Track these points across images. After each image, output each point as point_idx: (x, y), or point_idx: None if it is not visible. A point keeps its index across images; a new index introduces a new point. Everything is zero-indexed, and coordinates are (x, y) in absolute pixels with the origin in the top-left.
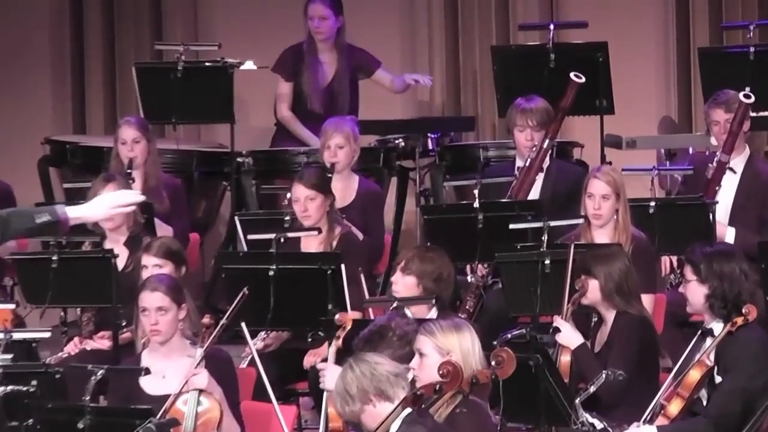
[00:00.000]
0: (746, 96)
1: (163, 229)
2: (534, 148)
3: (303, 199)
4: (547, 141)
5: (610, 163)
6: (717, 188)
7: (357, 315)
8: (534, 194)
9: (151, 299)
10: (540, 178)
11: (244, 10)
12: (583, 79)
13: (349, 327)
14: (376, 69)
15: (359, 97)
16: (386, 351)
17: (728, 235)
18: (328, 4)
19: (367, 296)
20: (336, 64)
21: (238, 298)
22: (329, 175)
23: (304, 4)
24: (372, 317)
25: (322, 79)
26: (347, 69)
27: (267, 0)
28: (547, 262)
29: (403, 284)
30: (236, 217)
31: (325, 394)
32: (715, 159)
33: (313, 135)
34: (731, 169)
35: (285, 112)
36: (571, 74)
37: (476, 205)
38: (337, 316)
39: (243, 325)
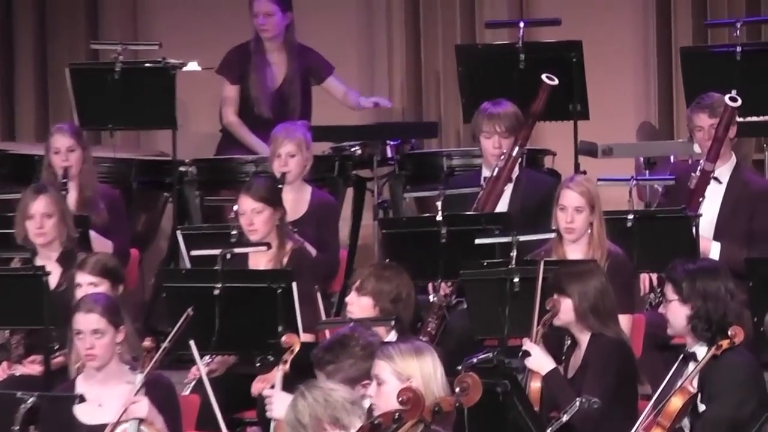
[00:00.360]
0: (732, 99)
1: (103, 244)
2: (502, 157)
3: (249, 212)
4: (516, 149)
5: (585, 173)
6: (701, 200)
7: (309, 337)
8: (502, 206)
9: (86, 321)
10: (508, 189)
11: (187, 7)
12: (556, 81)
13: (297, 350)
14: (326, 76)
15: (312, 101)
16: (347, 361)
17: (713, 250)
18: None
19: (323, 317)
20: (286, 65)
21: (181, 319)
22: (280, 186)
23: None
24: None
25: (270, 81)
26: (298, 70)
27: None
28: (516, 280)
29: (359, 306)
30: (178, 232)
31: (272, 423)
32: (699, 168)
33: (262, 142)
34: (716, 178)
35: (231, 117)
36: (543, 76)
37: (439, 218)
38: (283, 338)
39: (192, 343)
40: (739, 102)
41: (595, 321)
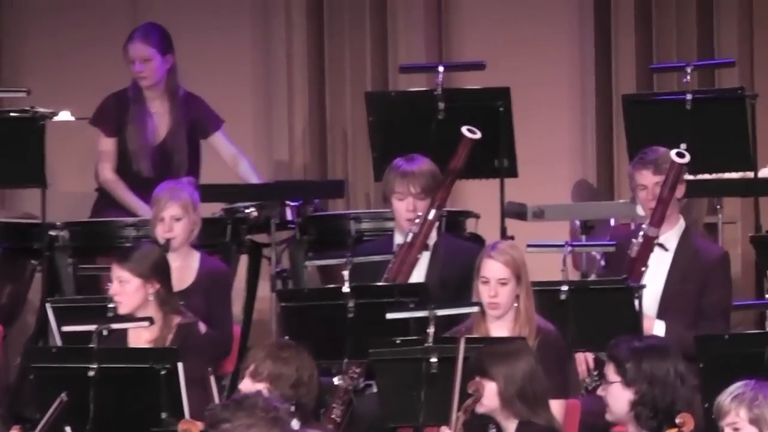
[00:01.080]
0: (680, 155)
1: None
2: (417, 221)
3: (114, 281)
4: (433, 211)
5: (512, 238)
6: (644, 269)
7: (201, 426)
8: (417, 277)
9: None
10: (425, 257)
11: (58, 50)
12: (478, 135)
13: None
14: (213, 131)
15: (200, 156)
16: (245, 421)
17: (656, 329)
18: (153, 42)
19: (217, 402)
20: (169, 115)
21: (54, 405)
22: (166, 252)
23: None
24: None
25: (151, 133)
26: (183, 121)
27: (87, 37)
28: (434, 360)
29: None
30: (48, 304)
31: None
32: (641, 233)
33: (143, 203)
34: (661, 245)
35: (108, 174)
36: (463, 129)
37: (346, 289)
38: (180, 425)
39: (68, 430)
40: (688, 158)
41: (523, 407)
